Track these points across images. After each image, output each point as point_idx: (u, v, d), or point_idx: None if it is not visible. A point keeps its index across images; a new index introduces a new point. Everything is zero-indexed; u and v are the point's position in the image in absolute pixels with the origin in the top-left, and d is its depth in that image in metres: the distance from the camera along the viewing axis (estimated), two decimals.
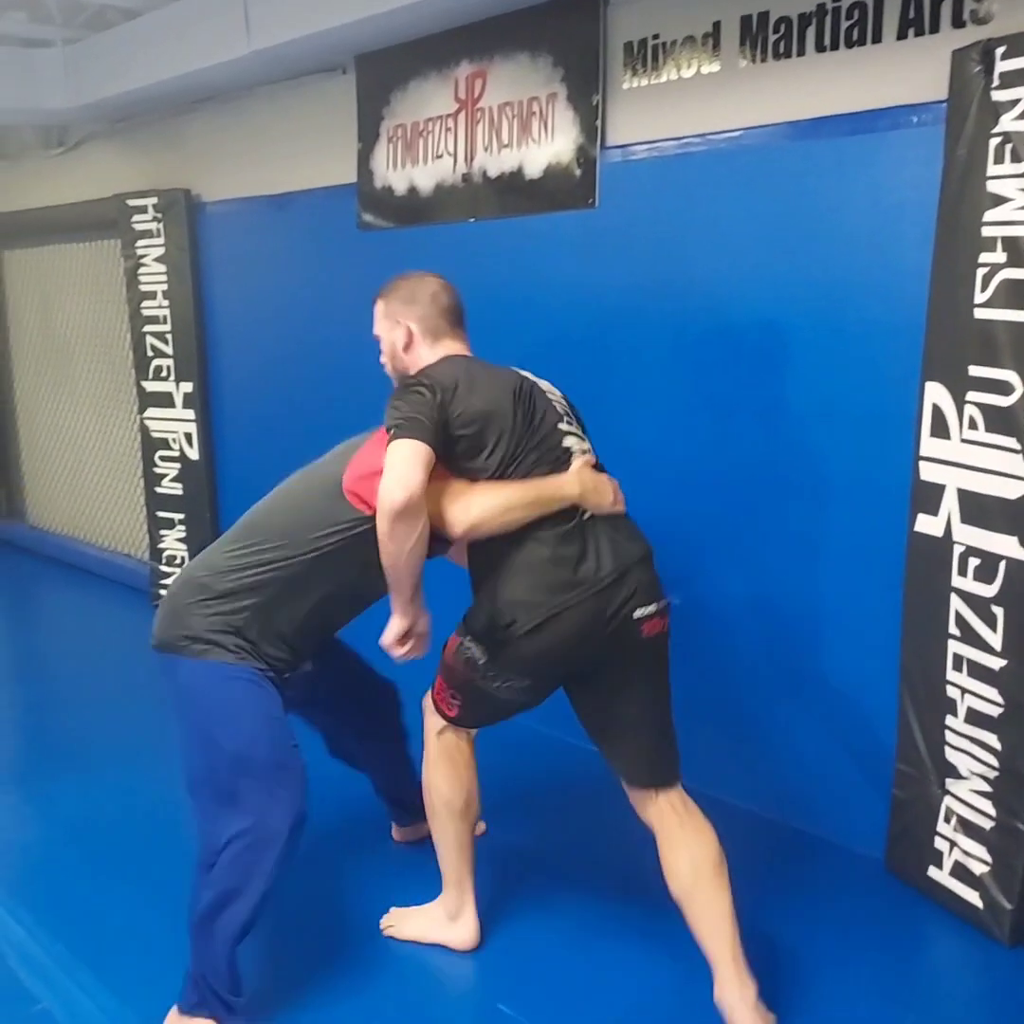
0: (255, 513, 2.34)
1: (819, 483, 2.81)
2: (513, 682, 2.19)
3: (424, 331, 2.34)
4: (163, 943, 2.46)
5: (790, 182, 2.77)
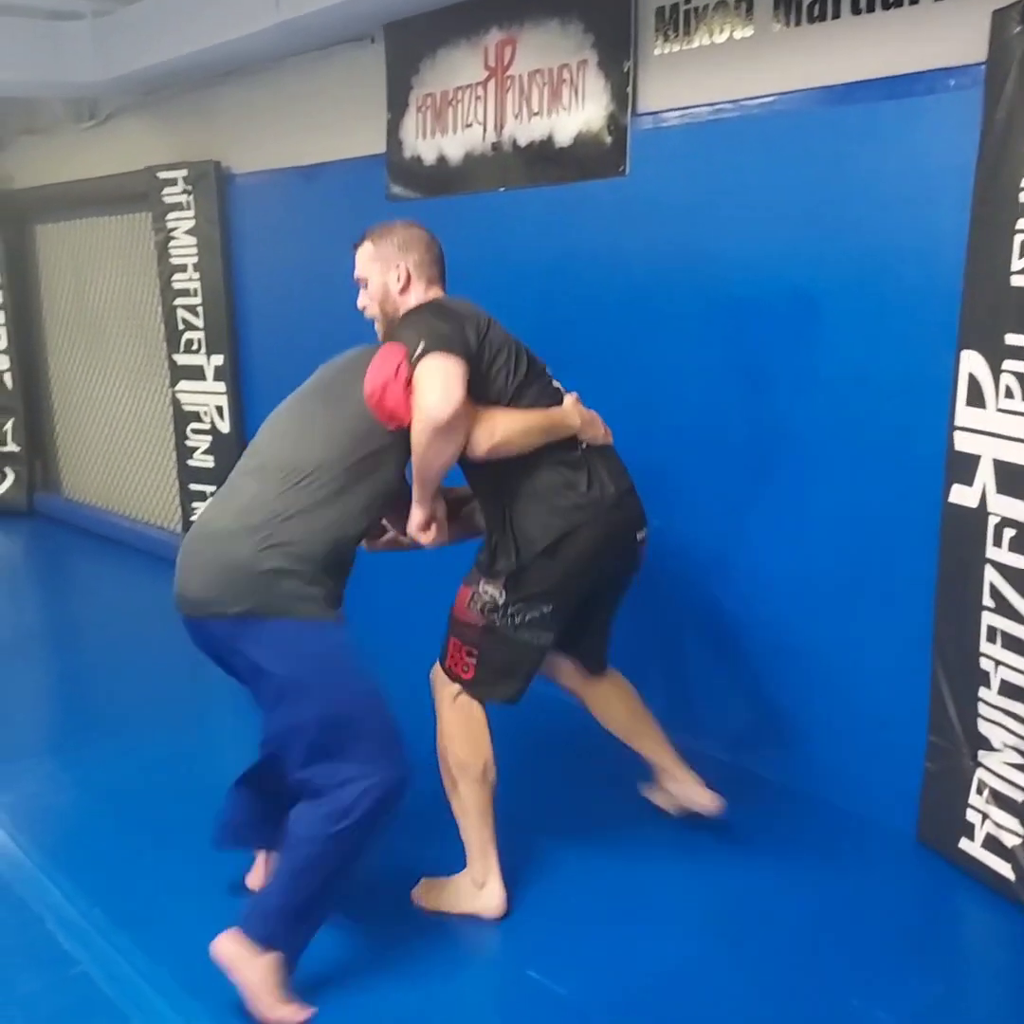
0: (280, 448, 2.24)
1: (852, 453, 2.78)
2: (534, 612, 2.32)
3: (419, 276, 2.43)
4: (198, 906, 2.50)
5: (824, 148, 2.73)
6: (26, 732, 3.60)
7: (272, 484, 2.17)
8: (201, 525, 2.27)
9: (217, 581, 2.13)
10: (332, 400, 2.28)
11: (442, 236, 3.77)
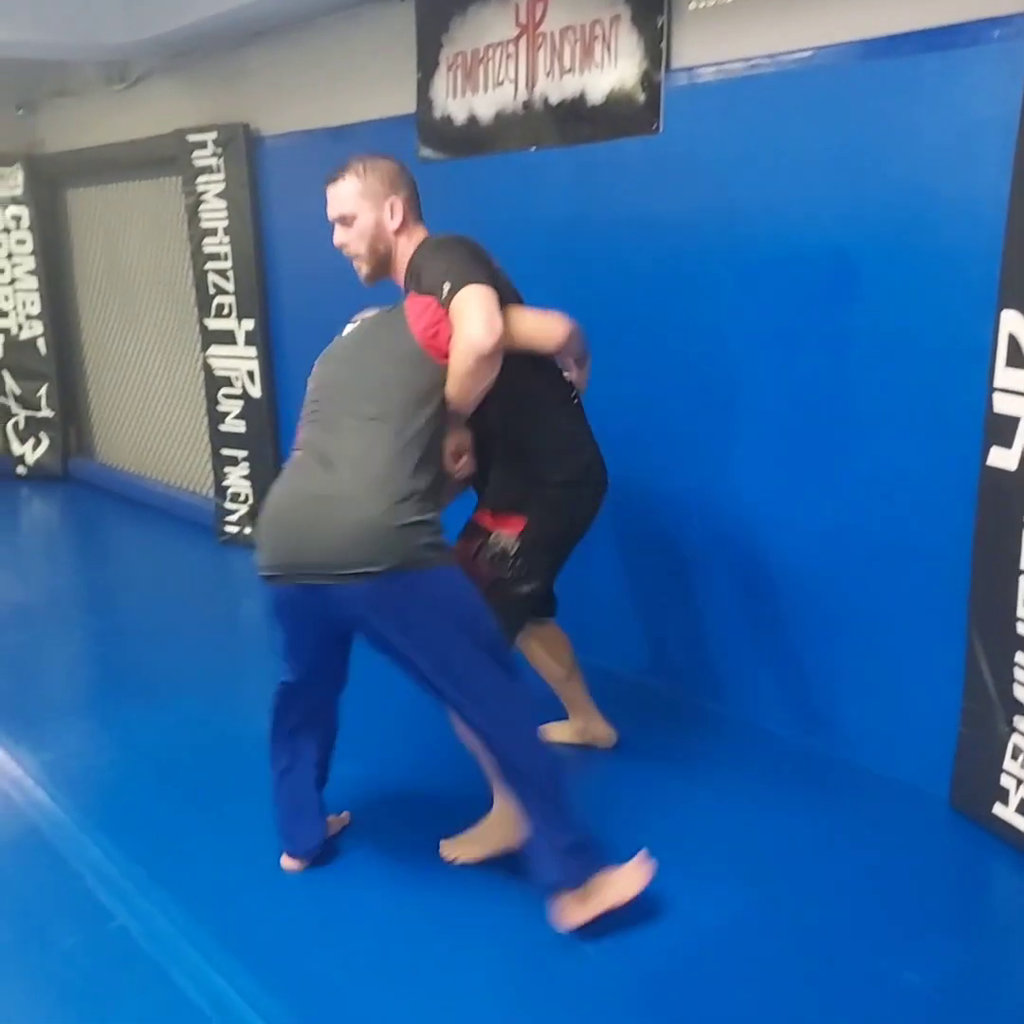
0: (368, 403, 2.21)
1: (888, 415, 2.75)
2: (538, 561, 2.47)
3: (410, 211, 2.44)
4: (235, 864, 2.54)
5: (862, 103, 2.67)
6: (64, 692, 3.66)
7: (381, 438, 2.16)
8: (310, 489, 2.17)
9: (355, 541, 2.08)
10: (392, 351, 2.27)
11: (472, 197, 3.77)
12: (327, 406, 2.28)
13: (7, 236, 6.37)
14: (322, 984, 2.14)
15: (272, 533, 2.19)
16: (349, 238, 2.44)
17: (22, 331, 6.51)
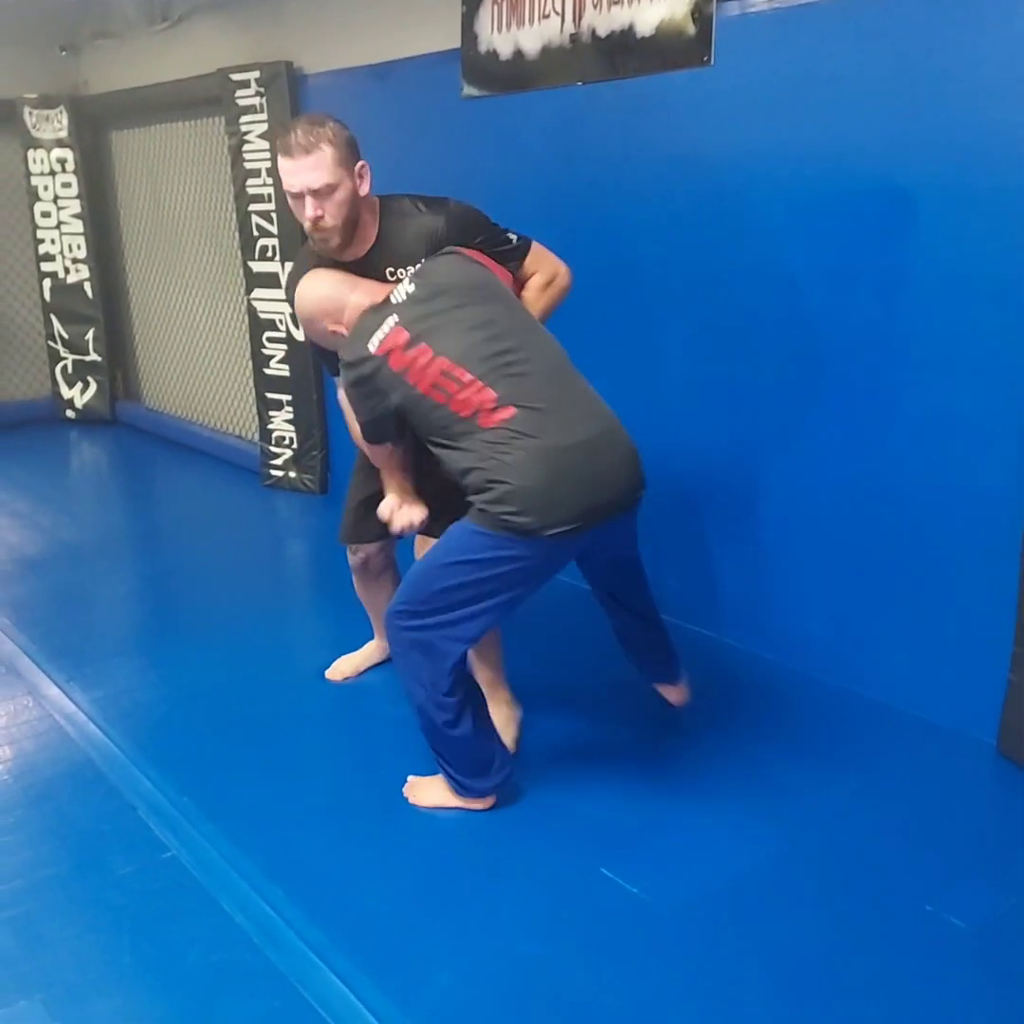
0: (539, 347, 2.29)
1: (942, 361, 2.68)
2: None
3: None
4: (281, 797, 2.59)
5: (920, 34, 2.57)
6: (114, 632, 3.73)
7: (577, 374, 2.33)
8: (590, 433, 2.21)
9: (637, 467, 2.31)
10: (509, 299, 2.41)
11: (518, 134, 3.71)
12: (515, 358, 2.21)
13: (52, 179, 6.38)
14: (364, 915, 2.18)
15: (578, 487, 2.16)
16: (327, 210, 2.33)
17: (69, 275, 6.54)
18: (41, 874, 2.32)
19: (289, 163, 2.31)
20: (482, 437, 2.16)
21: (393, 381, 2.25)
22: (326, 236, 2.37)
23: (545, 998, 1.95)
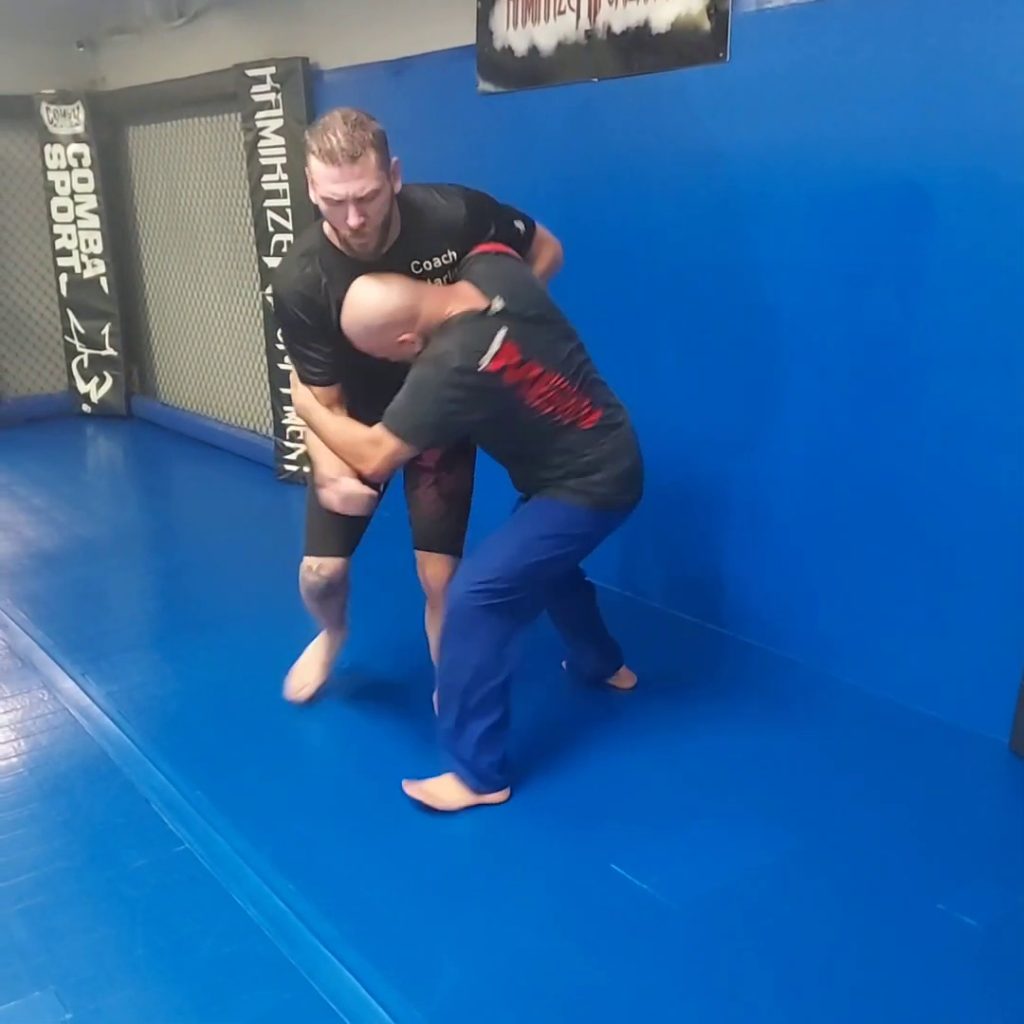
0: (570, 331, 2.47)
1: (960, 358, 2.67)
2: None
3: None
4: (293, 793, 2.60)
5: (940, 29, 2.56)
6: (129, 626, 3.75)
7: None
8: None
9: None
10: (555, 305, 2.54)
11: (532, 130, 3.71)
12: (589, 366, 2.50)
13: (69, 174, 6.41)
14: (375, 908, 2.19)
15: (638, 475, 2.54)
16: (369, 215, 2.22)
17: (85, 270, 6.57)
18: (55, 866, 2.34)
19: (333, 171, 2.14)
20: (582, 435, 2.42)
21: (500, 396, 2.30)
22: (366, 241, 2.28)
23: (554, 993, 1.96)
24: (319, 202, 2.23)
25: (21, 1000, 1.95)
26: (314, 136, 2.19)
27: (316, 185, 2.20)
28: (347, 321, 2.30)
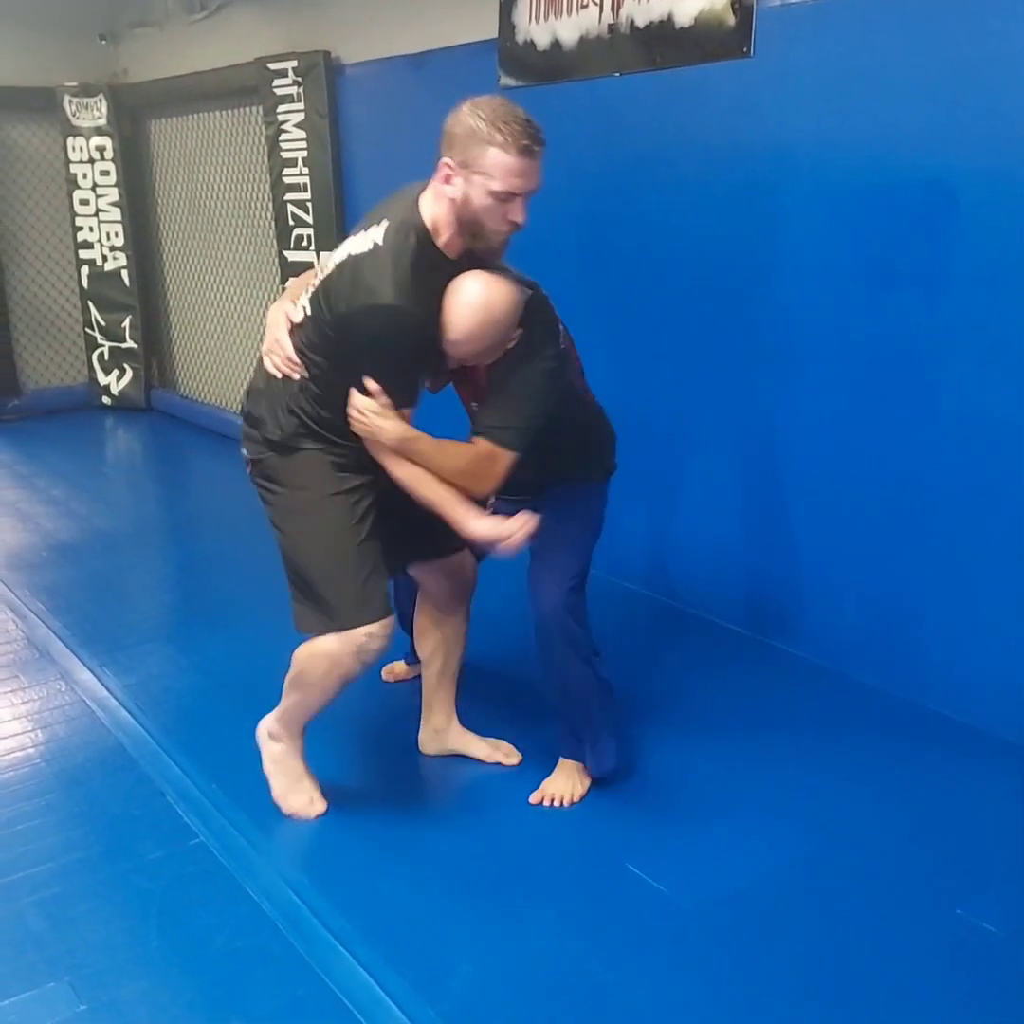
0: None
1: (984, 356, 2.64)
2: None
3: None
4: None
5: (966, 23, 2.53)
6: (147, 618, 3.76)
7: None
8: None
9: None
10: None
11: (554, 125, 3.63)
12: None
13: (91, 167, 6.43)
14: (389, 905, 2.19)
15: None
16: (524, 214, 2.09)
17: (106, 262, 6.60)
18: (71, 857, 2.35)
19: (521, 164, 2.00)
20: (594, 407, 2.49)
21: (566, 373, 2.31)
22: (503, 242, 2.13)
23: (567, 992, 1.95)
24: (484, 197, 2.02)
25: (36, 991, 1.96)
26: (493, 125, 1.99)
27: (491, 178, 2.00)
28: (473, 321, 2.08)
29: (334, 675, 2.29)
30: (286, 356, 2.23)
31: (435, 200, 2.11)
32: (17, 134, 6.48)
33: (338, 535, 2.25)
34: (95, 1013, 1.91)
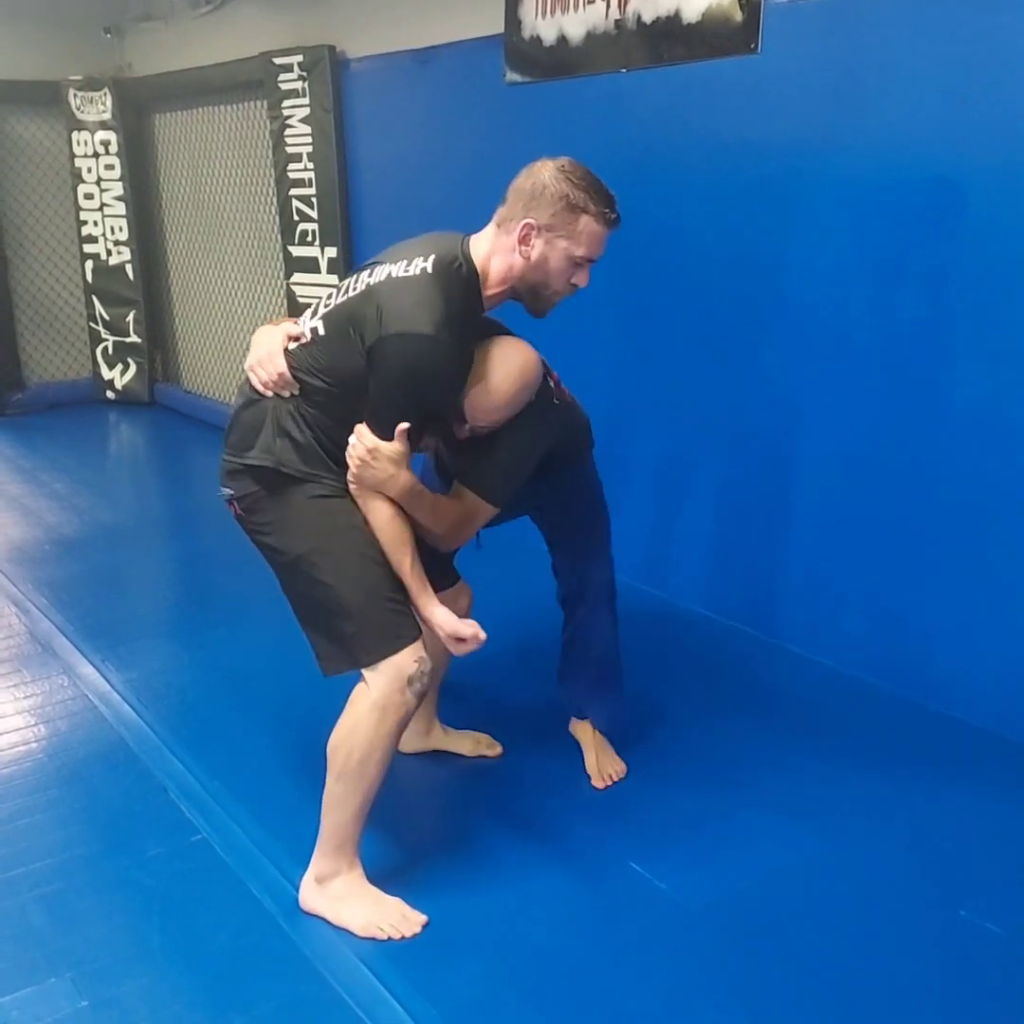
0: None
1: (992, 353, 2.63)
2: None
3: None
4: (309, 783, 2.59)
5: (975, 20, 2.52)
6: (149, 613, 3.76)
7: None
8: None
9: None
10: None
11: (559, 121, 3.68)
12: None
13: (96, 161, 6.42)
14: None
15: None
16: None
17: (111, 257, 6.59)
18: (72, 853, 2.34)
19: (606, 232, 2.05)
20: (568, 410, 2.41)
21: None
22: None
23: (569, 990, 1.95)
24: (562, 261, 2.02)
25: (37, 986, 1.95)
26: (587, 194, 2.01)
27: (579, 245, 2.01)
28: (517, 388, 2.08)
29: (389, 723, 2.02)
30: (277, 373, 2.10)
31: (496, 252, 2.05)
32: (22, 128, 6.47)
33: (358, 556, 2.06)
34: (96, 1009, 1.90)
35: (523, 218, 2.00)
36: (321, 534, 2.07)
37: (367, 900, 2.12)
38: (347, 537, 2.06)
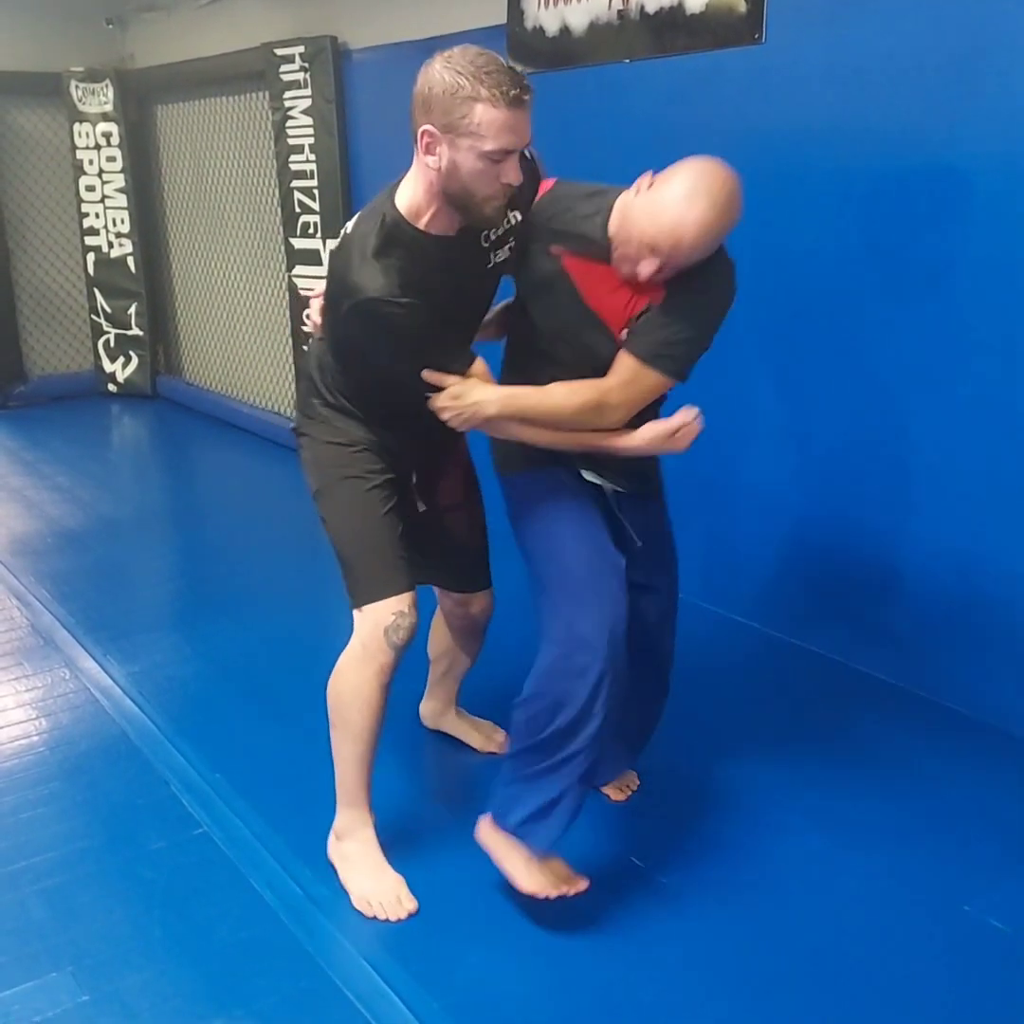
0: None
1: (998, 345, 2.62)
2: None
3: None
4: (311, 776, 2.58)
5: (982, 9, 2.50)
6: (151, 606, 3.75)
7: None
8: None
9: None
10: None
11: (562, 112, 3.66)
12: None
13: (98, 153, 6.41)
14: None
15: None
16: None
17: (112, 249, 6.58)
18: (74, 846, 2.34)
19: (510, 117, 1.77)
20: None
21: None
22: (502, 203, 1.92)
23: (570, 984, 1.94)
24: (474, 161, 1.80)
25: (38, 980, 1.95)
26: (475, 78, 1.75)
27: (482, 138, 1.77)
28: (710, 214, 1.97)
29: (369, 669, 2.10)
30: (314, 314, 2.19)
31: (416, 177, 1.90)
32: (23, 119, 6.46)
33: (350, 504, 2.15)
34: (97, 1003, 1.90)
35: (420, 127, 1.83)
36: (326, 477, 2.18)
37: (370, 870, 2.18)
38: (346, 485, 2.15)
